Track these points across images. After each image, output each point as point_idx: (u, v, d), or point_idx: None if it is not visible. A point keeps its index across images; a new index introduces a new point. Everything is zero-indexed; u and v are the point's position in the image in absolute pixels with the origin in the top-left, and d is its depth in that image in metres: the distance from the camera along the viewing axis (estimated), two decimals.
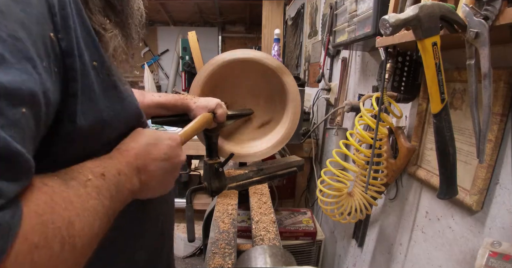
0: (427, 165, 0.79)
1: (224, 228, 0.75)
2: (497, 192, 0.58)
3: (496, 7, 0.43)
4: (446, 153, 0.54)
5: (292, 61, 2.80)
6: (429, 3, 0.48)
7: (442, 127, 0.53)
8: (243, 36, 4.94)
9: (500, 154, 0.57)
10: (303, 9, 2.39)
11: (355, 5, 0.95)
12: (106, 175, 0.33)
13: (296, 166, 1.11)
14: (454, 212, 0.69)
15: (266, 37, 2.73)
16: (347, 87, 1.39)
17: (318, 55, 1.85)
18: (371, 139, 0.80)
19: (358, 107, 0.85)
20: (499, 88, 0.55)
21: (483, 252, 0.52)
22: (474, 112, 0.48)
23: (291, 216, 1.41)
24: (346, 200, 0.94)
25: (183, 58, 3.31)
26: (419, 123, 0.81)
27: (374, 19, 0.82)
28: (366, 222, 1.13)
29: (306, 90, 1.90)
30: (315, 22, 1.99)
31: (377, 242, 1.06)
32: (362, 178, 0.91)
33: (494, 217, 0.58)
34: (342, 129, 1.31)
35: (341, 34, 1.10)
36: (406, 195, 0.89)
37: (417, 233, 0.83)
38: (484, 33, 0.44)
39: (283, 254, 0.50)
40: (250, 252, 0.51)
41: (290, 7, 2.92)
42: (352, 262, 1.27)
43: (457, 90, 0.68)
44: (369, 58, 1.17)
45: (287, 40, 3.00)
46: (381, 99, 0.74)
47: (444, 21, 0.49)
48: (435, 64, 0.50)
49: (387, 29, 0.49)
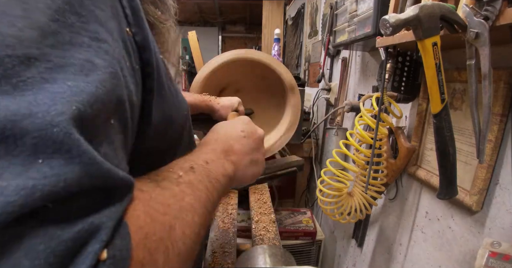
0: (427, 165, 0.79)
1: (224, 227, 0.75)
2: (497, 192, 0.58)
3: (496, 7, 0.43)
4: (446, 153, 0.54)
5: (292, 61, 2.80)
6: (429, 3, 0.48)
7: (442, 127, 0.53)
8: (243, 36, 4.94)
9: (500, 154, 0.57)
10: (303, 9, 2.39)
11: (355, 5, 0.95)
12: (195, 167, 0.32)
13: (296, 166, 1.11)
14: (454, 212, 0.69)
15: (266, 37, 2.73)
16: (347, 87, 1.39)
17: (318, 55, 1.85)
18: (371, 139, 0.80)
19: (358, 107, 0.85)
20: (499, 89, 0.55)
21: (482, 252, 0.52)
22: (474, 113, 0.48)
23: (291, 216, 1.41)
24: (346, 200, 0.94)
25: (183, 58, 3.31)
26: (419, 124, 0.81)
27: (374, 19, 0.82)
28: (366, 222, 1.13)
29: (306, 90, 1.90)
30: (315, 22, 1.99)
31: (377, 242, 1.06)
32: (362, 178, 0.91)
33: (494, 217, 0.58)
34: (342, 129, 1.31)
35: (341, 34, 1.10)
36: (406, 195, 0.89)
37: (417, 233, 0.83)
38: (484, 33, 0.44)
39: (283, 254, 0.50)
40: (250, 252, 0.51)
41: (290, 7, 2.92)
42: (352, 262, 1.27)
43: (457, 90, 0.68)
44: (369, 58, 1.17)
45: (287, 40, 3.00)
46: (381, 99, 0.74)
47: (444, 21, 0.49)
48: (435, 64, 0.50)
49: (387, 29, 0.49)
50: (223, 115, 0.80)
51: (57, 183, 0.16)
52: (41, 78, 0.17)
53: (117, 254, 0.18)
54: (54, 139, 0.16)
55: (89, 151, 0.18)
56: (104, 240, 0.18)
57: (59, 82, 0.18)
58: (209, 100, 0.81)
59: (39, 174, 0.16)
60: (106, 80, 0.20)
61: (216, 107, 0.80)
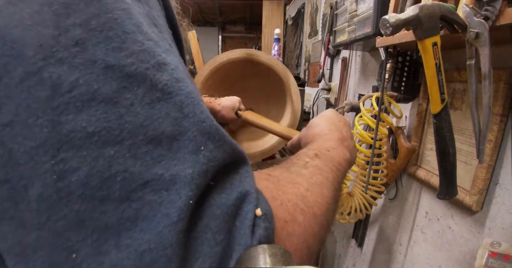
0: (427, 165, 0.79)
1: None
2: (497, 192, 0.58)
3: (496, 7, 0.43)
4: (446, 153, 0.54)
5: (292, 61, 2.80)
6: (429, 3, 0.48)
7: (442, 127, 0.53)
8: (243, 36, 4.94)
9: (500, 154, 0.57)
10: (303, 9, 2.39)
11: (355, 5, 0.95)
12: (319, 154, 0.37)
13: None
14: (454, 212, 0.69)
15: (266, 37, 2.73)
16: (347, 87, 1.39)
17: (318, 55, 1.85)
18: (371, 139, 0.80)
19: (358, 107, 0.85)
20: (499, 89, 0.55)
21: (482, 252, 0.52)
22: (474, 113, 0.48)
23: None
24: (346, 199, 0.94)
25: None
26: (419, 124, 0.81)
27: (374, 19, 0.82)
28: (366, 222, 1.13)
29: (306, 90, 1.90)
30: (315, 22, 1.99)
31: (377, 242, 1.06)
32: (362, 178, 0.91)
33: (494, 217, 0.58)
34: None
35: (341, 34, 1.10)
36: (406, 195, 0.89)
37: (416, 233, 0.83)
38: (484, 33, 0.44)
39: (283, 254, 0.50)
40: (249, 252, 0.51)
41: (290, 7, 2.91)
42: (352, 262, 1.27)
43: (457, 90, 0.68)
44: (369, 58, 1.17)
45: (287, 40, 3.00)
46: (381, 99, 0.74)
47: (444, 21, 0.49)
48: (435, 64, 0.50)
49: (387, 29, 0.49)
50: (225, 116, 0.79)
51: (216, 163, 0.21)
52: (174, 79, 0.21)
53: (267, 211, 0.22)
54: (206, 132, 0.21)
55: (224, 133, 0.22)
56: (254, 202, 0.22)
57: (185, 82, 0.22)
58: (209, 102, 0.80)
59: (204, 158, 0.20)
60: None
61: (217, 108, 0.80)
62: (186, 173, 0.19)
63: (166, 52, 0.22)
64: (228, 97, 0.82)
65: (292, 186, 0.28)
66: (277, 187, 0.27)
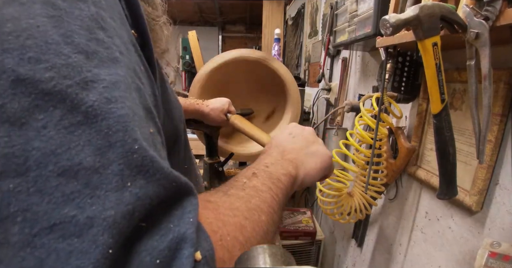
0: (427, 165, 0.79)
1: None
2: (497, 193, 0.58)
3: (496, 7, 0.43)
4: (446, 153, 0.54)
5: (292, 61, 2.80)
6: (429, 3, 0.48)
7: (442, 127, 0.53)
8: (243, 36, 4.94)
9: (500, 155, 0.57)
10: (303, 9, 2.39)
11: (356, 5, 0.95)
12: (256, 172, 0.35)
13: None
14: (453, 213, 0.69)
15: (267, 37, 2.73)
16: (347, 87, 1.39)
17: (318, 55, 1.85)
18: (371, 139, 0.80)
19: (358, 108, 0.85)
20: (499, 89, 0.55)
21: (482, 253, 0.52)
22: (474, 113, 0.48)
23: (290, 216, 1.41)
24: (346, 200, 0.94)
25: (183, 58, 3.30)
26: (419, 124, 0.81)
27: (374, 19, 0.82)
28: (366, 222, 1.13)
29: (306, 90, 1.90)
30: (316, 22, 1.99)
31: (377, 242, 1.06)
32: (362, 178, 0.91)
33: (494, 218, 0.58)
34: (342, 130, 1.31)
35: (342, 34, 1.10)
36: (405, 195, 0.89)
37: (416, 233, 0.83)
38: (484, 33, 0.44)
39: (283, 254, 0.50)
40: (249, 251, 0.51)
41: (291, 7, 2.91)
42: (352, 262, 1.27)
43: (457, 90, 0.68)
44: (369, 58, 1.17)
45: (288, 40, 3.00)
46: (381, 100, 0.74)
47: (445, 21, 0.49)
48: (435, 64, 0.50)
49: (388, 29, 0.49)
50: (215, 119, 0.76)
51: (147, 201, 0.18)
52: (104, 99, 0.18)
53: (207, 254, 0.20)
54: (136, 164, 0.18)
55: (161, 165, 0.19)
56: (194, 244, 0.19)
57: (120, 102, 0.19)
58: (196, 103, 0.77)
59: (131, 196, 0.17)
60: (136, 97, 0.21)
61: (206, 110, 0.77)
62: (106, 215, 0.16)
63: (103, 66, 0.19)
64: (217, 99, 0.80)
65: (232, 214, 0.27)
66: (217, 217, 0.25)
